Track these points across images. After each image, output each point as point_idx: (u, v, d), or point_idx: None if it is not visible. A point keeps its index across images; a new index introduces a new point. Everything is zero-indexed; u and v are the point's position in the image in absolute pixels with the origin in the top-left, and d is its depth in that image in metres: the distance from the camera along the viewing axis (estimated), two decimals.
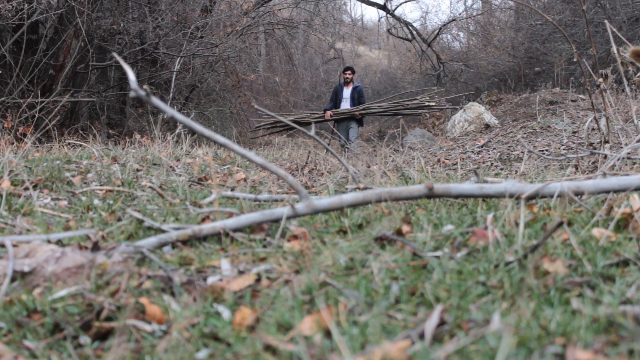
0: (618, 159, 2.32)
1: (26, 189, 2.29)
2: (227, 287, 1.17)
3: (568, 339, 0.85)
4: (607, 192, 1.60)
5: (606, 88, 2.77)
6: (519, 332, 0.87)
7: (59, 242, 1.51)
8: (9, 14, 5.78)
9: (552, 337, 0.86)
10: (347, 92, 9.23)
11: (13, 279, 1.18)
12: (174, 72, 7.86)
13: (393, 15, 14.04)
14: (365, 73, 18.80)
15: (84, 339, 1.00)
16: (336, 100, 9.28)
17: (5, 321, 1.04)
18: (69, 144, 4.46)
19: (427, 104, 8.84)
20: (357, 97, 9.13)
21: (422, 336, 0.89)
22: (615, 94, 6.66)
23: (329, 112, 9.07)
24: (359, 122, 9.06)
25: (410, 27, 14.03)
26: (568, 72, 9.78)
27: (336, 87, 9.42)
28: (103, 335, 1.02)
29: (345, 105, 9.18)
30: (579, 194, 1.61)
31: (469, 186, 1.66)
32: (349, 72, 9.22)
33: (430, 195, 1.64)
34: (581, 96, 7.89)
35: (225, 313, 1.06)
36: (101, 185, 2.59)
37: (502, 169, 3.88)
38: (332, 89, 9.65)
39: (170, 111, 1.47)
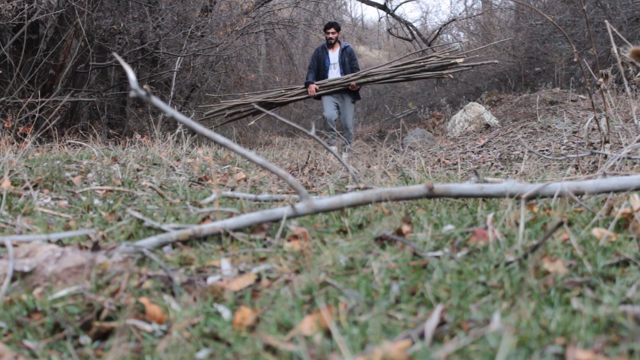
0: (618, 159, 2.32)
1: (26, 188, 2.29)
2: (227, 287, 1.17)
3: (568, 339, 0.85)
4: (608, 192, 1.60)
5: (606, 88, 2.77)
6: (519, 332, 0.87)
7: (59, 242, 1.51)
8: (9, 14, 5.78)
9: (552, 337, 0.86)
10: (333, 55, 6.61)
11: (13, 279, 1.18)
12: (175, 72, 7.86)
13: (393, 15, 14.05)
14: None
15: (84, 339, 1.00)
16: (319, 68, 6.68)
17: (5, 321, 1.04)
18: (69, 143, 4.46)
19: (453, 61, 6.41)
20: (349, 61, 6.60)
21: (422, 336, 0.89)
22: (615, 94, 6.66)
23: (313, 86, 6.47)
24: (355, 95, 6.58)
25: (410, 27, 14.03)
26: (568, 72, 9.78)
27: (317, 52, 6.78)
28: (103, 335, 1.02)
29: (334, 73, 6.60)
30: (579, 194, 1.61)
31: (469, 186, 1.66)
32: (332, 29, 6.55)
33: (431, 195, 1.64)
34: (581, 96, 7.89)
35: (226, 313, 1.06)
36: (101, 185, 2.59)
37: (502, 169, 3.88)
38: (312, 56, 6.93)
39: (171, 111, 1.47)
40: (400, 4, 14.41)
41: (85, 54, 7.35)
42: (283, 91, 7.16)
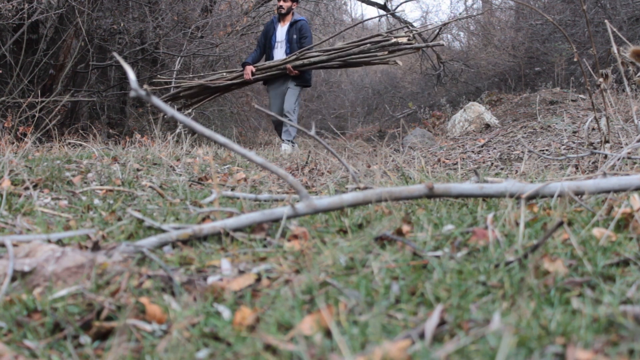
0: (618, 159, 2.32)
1: (26, 188, 2.29)
2: (228, 286, 1.17)
3: (568, 338, 0.85)
4: (608, 192, 1.60)
5: (606, 88, 2.77)
6: (519, 332, 0.87)
7: (59, 242, 1.51)
8: (9, 14, 5.78)
9: (552, 337, 0.86)
10: (281, 32, 5.66)
11: (13, 279, 1.18)
12: (175, 72, 7.85)
13: (393, 15, 14.03)
14: (365, 73, 18.78)
15: (84, 339, 1.00)
16: (265, 45, 5.80)
17: (5, 321, 1.04)
18: (69, 143, 4.45)
19: (393, 40, 5.43)
20: (299, 39, 5.60)
21: (422, 336, 0.89)
22: (615, 94, 6.65)
23: (249, 68, 5.61)
24: (301, 80, 5.62)
25: (410, 27, 14.01)
26: (568, 72, 9.77)
27: (266, 26, 5.96)
28: (103, 335, 1.02)
29: (280, 54, 5.67)
30: (579, 193, 1.61)
31: (469, 186, 1.66)
32: None
33: (431, 195, 1.64)
34: (581, 96, 7.88)
35: (226, 313, 1.06)
36: (101, 185, 2.59)
37: (502, 169, 3.88)
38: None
39: (171, 111, 1.47)
40: (401, 4, 14.39)
41: (85, 53, 7.35)
42: (225, 74, 6.32)
